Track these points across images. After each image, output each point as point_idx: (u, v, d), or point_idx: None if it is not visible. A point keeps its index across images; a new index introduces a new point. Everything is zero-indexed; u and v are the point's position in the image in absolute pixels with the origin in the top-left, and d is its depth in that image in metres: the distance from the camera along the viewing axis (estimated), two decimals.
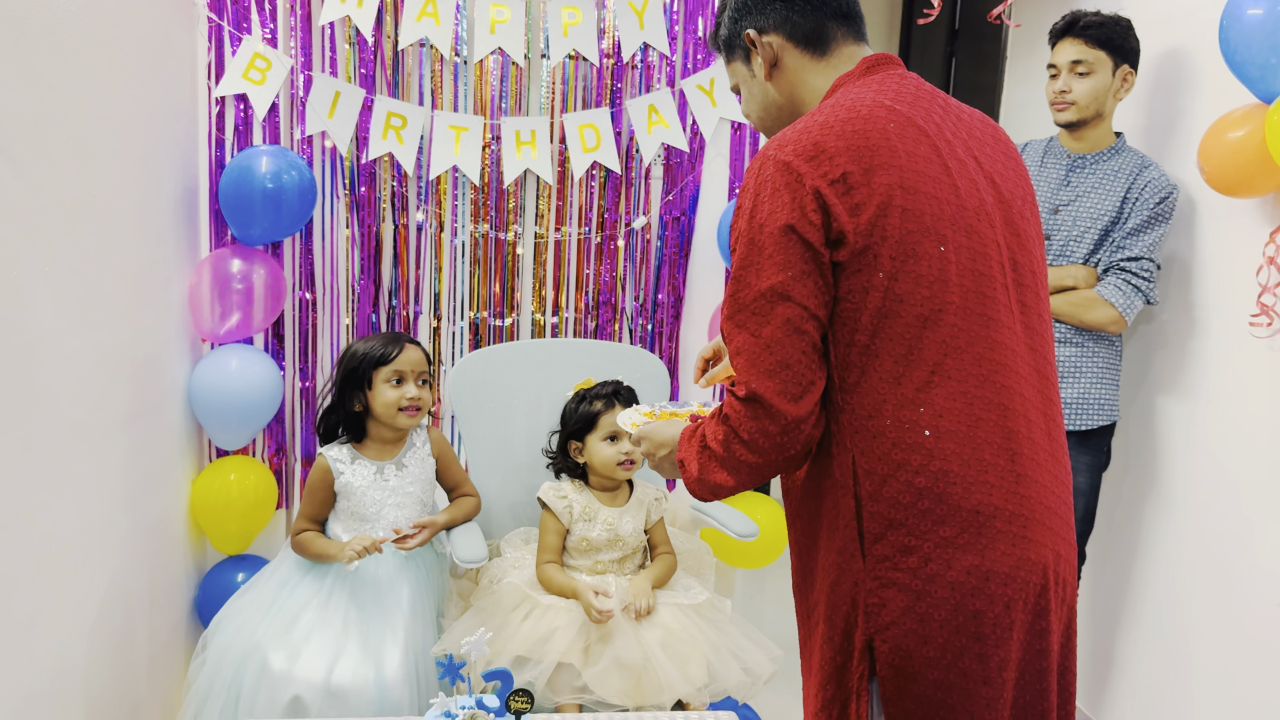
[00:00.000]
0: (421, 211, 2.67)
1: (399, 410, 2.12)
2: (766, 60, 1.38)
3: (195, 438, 2.53)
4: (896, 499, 1.19)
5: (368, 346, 2.14)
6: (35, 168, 1.65)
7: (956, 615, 1.18)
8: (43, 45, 1.67)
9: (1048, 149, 2.50)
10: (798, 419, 1.21)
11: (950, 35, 4.23)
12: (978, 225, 1.24)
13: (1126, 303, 2.30)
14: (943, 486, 1.18)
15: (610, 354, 2.52)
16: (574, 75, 2.68)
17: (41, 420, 1.69)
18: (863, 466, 1.21)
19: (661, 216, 2.77)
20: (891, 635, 1.19)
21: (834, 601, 1.25)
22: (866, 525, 1.21)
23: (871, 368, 1.20)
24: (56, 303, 1.74)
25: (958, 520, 1.18)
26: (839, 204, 1.18)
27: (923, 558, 1.19)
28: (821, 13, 1.36)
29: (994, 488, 1.20)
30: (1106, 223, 2.35)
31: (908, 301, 1.20)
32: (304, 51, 2.54)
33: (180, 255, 2.38)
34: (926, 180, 1.22)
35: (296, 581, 2.09)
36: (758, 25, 1.38)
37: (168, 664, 2.36)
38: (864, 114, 1.24)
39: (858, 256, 1.19)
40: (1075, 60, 2.34)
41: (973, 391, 1.20)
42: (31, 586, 1.67)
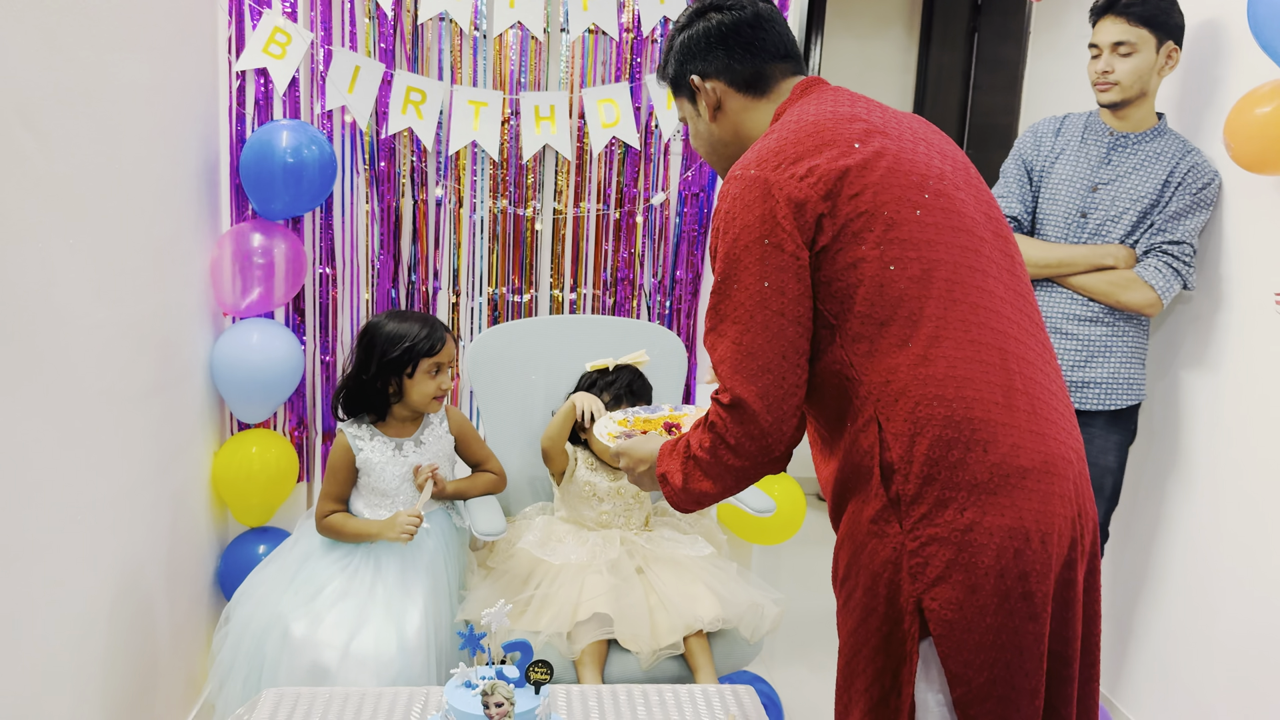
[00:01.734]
0: (441, 187, 2.67)
1: (433, 399, 2.13)
2: (709, 104, 1.46)
3: (217, 411, 2.55)
4: (928, 455, 1.21)
5: (408, 332, 2.09)
6: (59, 140, 1.66)
7: (1000, 558, 1.20)
8: (66, 18, 1.67)
9: (1087, 125, 2.46)
10: (780, 420, 1.28)
11: (973, 10, 4.18)
12: (943, 188, 1.32)
13: (1165, 285, 2.28)
14: (969, 434, 1.21)
15: (628, 330, 2.52)
16: (593, 50, 2.67)
17: (65, 392, 1.71)
18: (890, 432, 1.23)
19: (681, 193, 2.76)
20: (940, 591, 1.21)
21: (874, 572, 1.26)
22: (901, 488, 1.23)
23: (879, 335, 1.25)
24: (80, 275, 1.75)
25: (987, 465, 1.21)
26: (810, 195, 1.26)
27: (959, 508, 1.20)
28: (760, 58, 1.44)
29: (1014, 428, 1.23)
30: (1146, 205, 2.32)
31: (899, 265, 1.25)
32: (324, 26, 2.54)
33: (202, 229, 2.39)
34: (884, 158, 1.29)
35: (320, 554, 2.11)
36: (700, 71, 1.46)
37: (190, 635, 2.39)
38: (813, 120, 1.33)
39: (839, 237, 1.26)
40: (1118, 40, 2.29)
41: (978, 339, 1.25)
42: (54, 557, 1.70)
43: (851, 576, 1.30)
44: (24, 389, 1.58)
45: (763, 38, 1.44)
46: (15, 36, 1.52)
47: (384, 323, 2.12)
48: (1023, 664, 1.22)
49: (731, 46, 1.43)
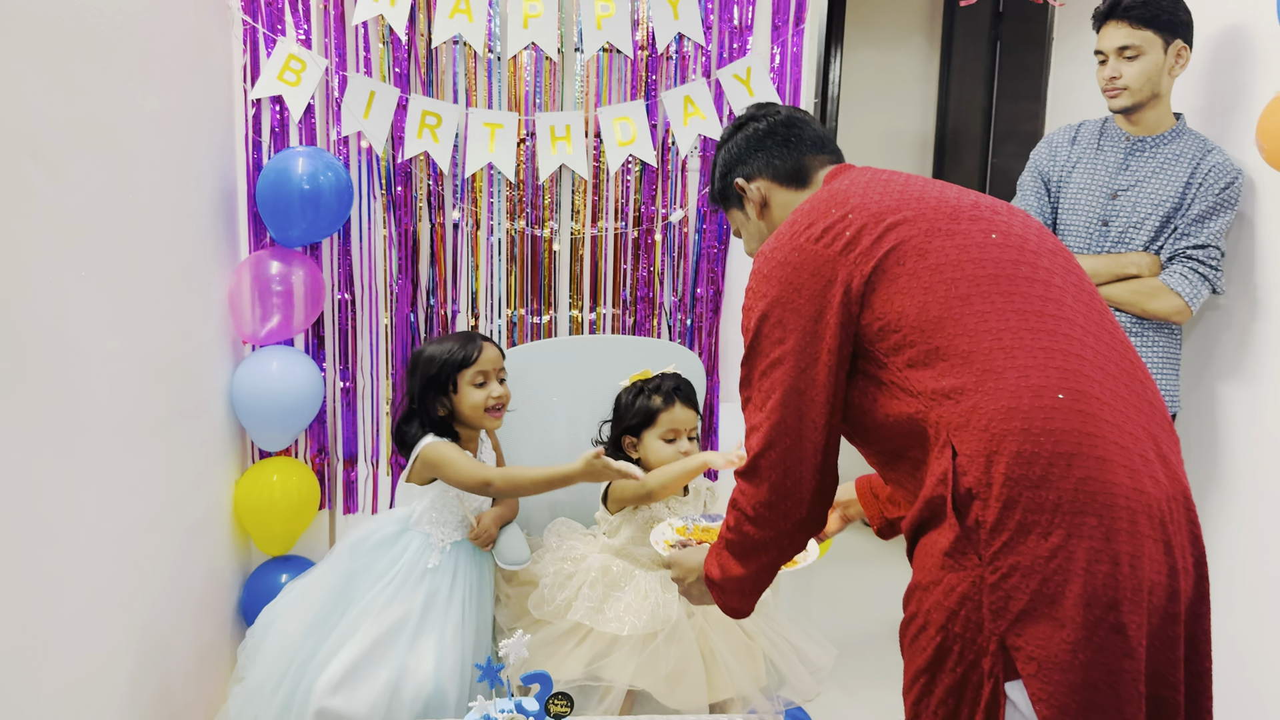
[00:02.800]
0: (458, 210, 2.66)
1: (485, 410, 2.09)
2: (755, 203, 1.53)
3: (238, 439, 2.55)
4: (1007, 475, 1.13)
5: (443, 349, 2.09)
6: (69, 172, 1.66)
7: (1088, 585, 1.10)
8: (76, 49, 1.68)
9: (1103, 131, 2.41)
10: (798, 483, 1.29)
11: (994, 18, 4.13)
12: (979, 214, 1.31)
13: (1193, 291, 2.21)
14: (1049, 447, 1.13)
15: (647, 349, 2.50)
16: (608, 68, 2.65)
17: (83, 424, 1.71)
18: (965, 454, 1.17)
19: (699, 209, 2.73)
20: (1026, 627, 1.12)
21: (950, 609, 1.17)
22: (980, 515, 1.15)
23: (935, 360, 1.21)
24: (95, 307, 1.75)
25: (1071, 481, 1.12)
26: (828, 251, 1.28)
27: (1042, 533, 1.12)
28: (799, 150, 1.51)
29: (1099, 439, 1.14)
30: (1168, 209, 2.26)
31: (942, 286, 1.22)
32: (338, 52, 2.54)
33: (219, 258, 2.39)
34: (909, 199, 1.31)
35: (351, 589, 2.05)
36: (744, 174, 1.54)
37: (213, 665, 2.38)
38: (832, 191, 1.37)
39: (869, 280, 1.26)
40: (1122, 45, 2.24)
41: (1049, 346, 1.19)
42: (76, 588, 1.69)
43: (922, 614, 1.22)
44: (38, 424, 1.57)
45: (799, 134, 1.51)
46: (24, 69, 1.52)
47: (425, 348, 2.13)
48: (1120, 708, 1.11)
49: (770, 146, 1.52)
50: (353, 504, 2.72)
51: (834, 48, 4.31)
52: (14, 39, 1.49)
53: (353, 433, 2.69)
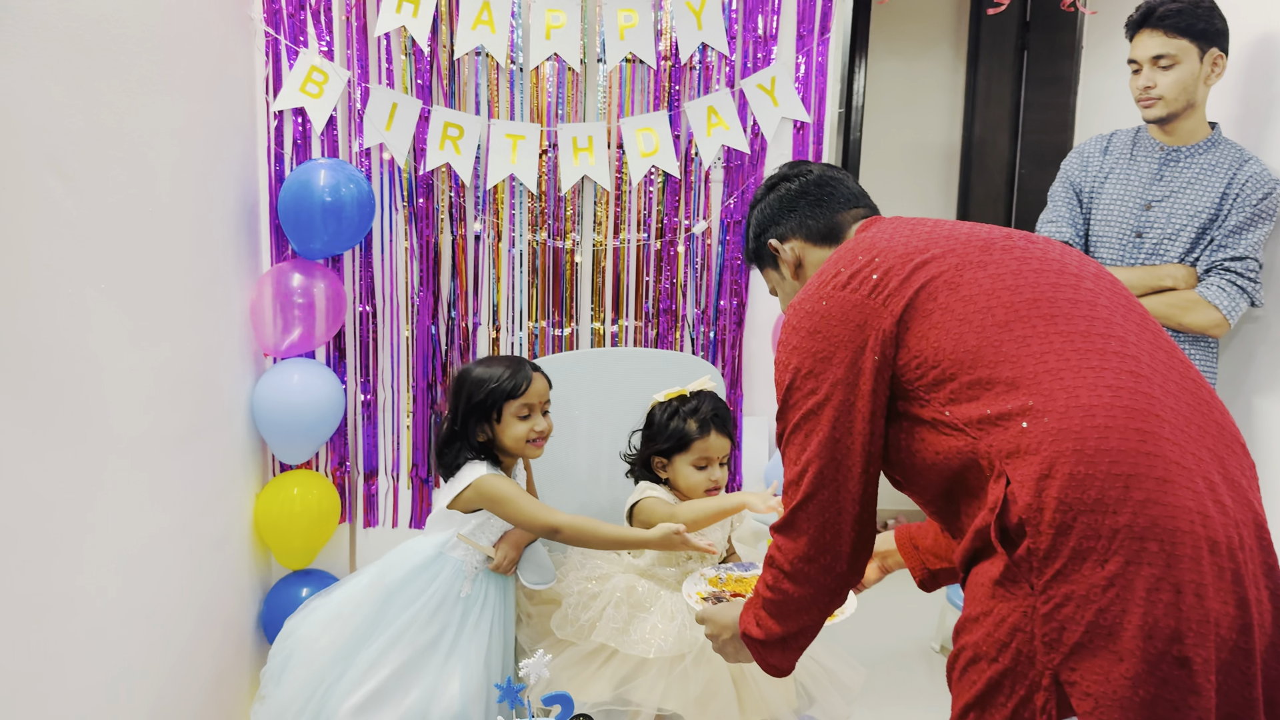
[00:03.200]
0: (479, 221, 2.64)
1: (527, 442, 2.03)
2: (790, 264, 1.52)
3: (259, 452, 2.53)
4: (1061, 499, 1.07)
5: (492, 375, 2.02)
6: (90, 185, 1.65)
7: (1148, 615, 1.03)
8: (98, 62, 1.67)
9: (1136, 140, 2.36)
10: (836, 536, 1.26)
11: (1022, 27, 4.08)
12: (1011, 245, 1.28)
13: (1231, 305, 2.15)
14: (1105, 468, 1.07)
15: (670, 363, 2.46)
16: (631, 79, 2.63)
17: (103, 437, 1.69)
18: (1017, 480, 1.11)
19: (722, 220, 2.70)
20: (1081, 661, 1.05)
21: (1000, 641, 1.12)
22: (1033, 542, 1.09)
23: (981, 390, 1.17)
24: (115, 320, 1.74)
25: (1130, 505, 1.06)
26: (855, 296, 1.26)
27: (1099, 559, 1.05)
28: (832, 209, 1.49)
29: (1159, 458, 1.08)
30: (1204, 220, 2.20)
31: (979, 315, 1.20)
32: (360, 63, 2.53)
33: (241, 270, 2.38)
34: (937, 238, 1.29)
35: (378, 614, 1.99)
36: (777, 234, 1.53)
37: (233, 680, 2.36)
38: (857, 241, 1.36)
39: (901, 320, 1.23)
40: (1157, 54, 2.19)
41: (1100, 365, 1.14)
42: (95, 603, 1.67)
43: (971, 646, 1.16)
44: (58, 436, 1.56)
45: (831, 192, 1.50)
46: (46, 81, 1.52)
47: (471, 369, 2.06)
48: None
49: (802, 206, 1.50)
50: (373, 518, 2.70)
51: (858, 58, 4.28)
52: (36, 51, 1.49)
53: (373, 445, 2.68)
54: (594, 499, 2.39)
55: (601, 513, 2.34)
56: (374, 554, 2.61)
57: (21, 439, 1.46)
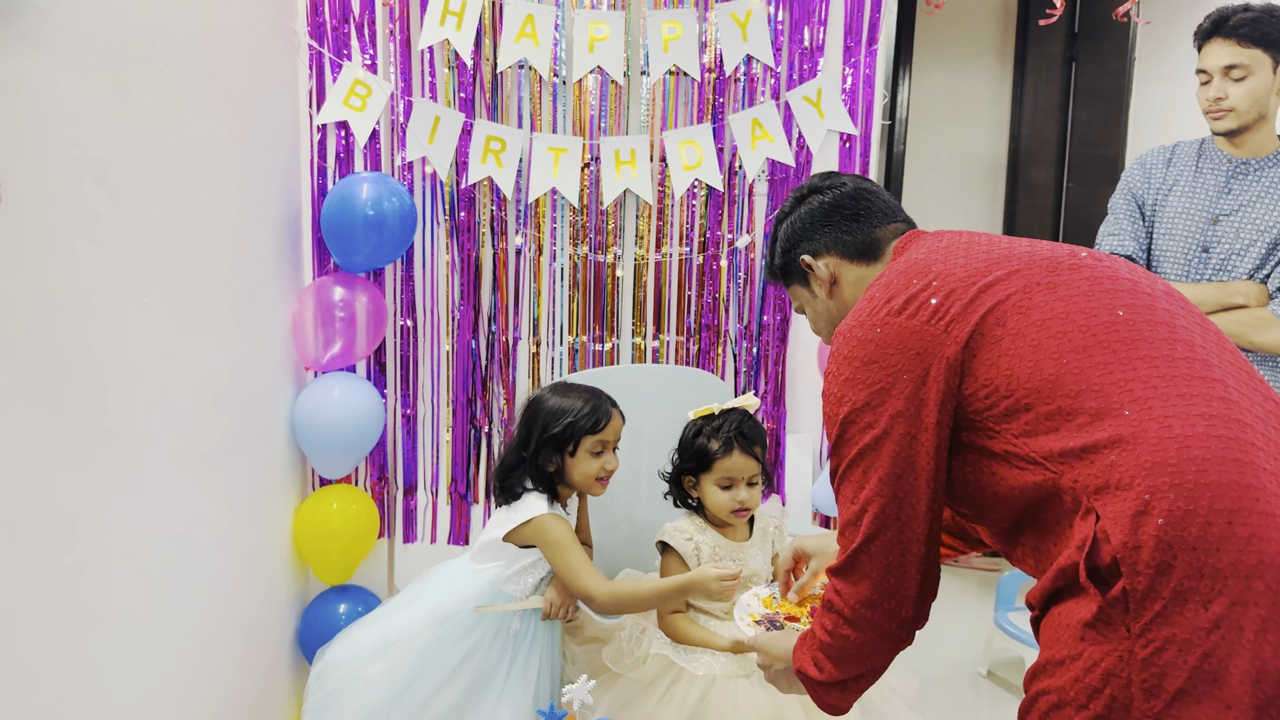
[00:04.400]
0: (520, 235, 2.62)
1: (596, 480, 1.98)
2: (824, 281, 1.44)
3: (299, 467, 2.52)
4: (1160, 537, 1.01)
5: (572, 408, 1.96)
6: (134, 197, 1.64)
7: (1256, 659, 0.97)
8: (142, 74, 1.67)
9: (1201, 152, 2.28)
10: (901, 580, 1.19)
11: (1070, 38, 4.01)
12: (1079, 263, 1.21)
13: None
14: (1207, 503, 1.00)
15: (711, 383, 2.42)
16: (674, 91, 2.60)
17: (144, 450, 1.68)
18: (1109, 517, 1.05)
19: (766, 234, 2.65)
20: (1184, 709, 0.99)
21: (1091, 687, 1.05)
22: (1130, 583, 1.02)
23: (1062, 420, 1.10)
24: (156, 332, 1.73)
25: (1234, 542, 0.99)
26: (913, 323, 1.19)
27: (1202, 600, 0.99)
28: (869, 224, 1.42)
29: (1262, 491, 1.01)
30: (1275, 235, 2.12)
31: (1052, 341, 1.13)
32: (404, 77, 2.52)
33: (283, 283, 2.38)
34: (996, 259, 1.23)
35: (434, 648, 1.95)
36: (810, 250, 1.45)
37: (270, 697, 2.34)
38: (907, 262, 1.29)
39: (966, 347, 1.16)
40: (1229, 64, 2.12)
41: (1190, 393, 1.07)
42: (134, 617, 1.66)
43: (1055, 690, 1.09)
44: (99, 449, 1.55)
45: (868, 206, 1.43)
46: (91, 96, 1.51)
47: (547, 397, 2.00)
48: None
49: (837, 220, 1.43)
50: (412, 533, 2.68)
51: (902, 70, 4.22)
52: (81, 63, 1.48)
53: (413, 460, 2.66)
54: (633, 516, 2.35)
55: (640, 529, 2.30)
56: (413, 569, 2.59)
57: (61, 451, 1.45)
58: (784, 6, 2.57)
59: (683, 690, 1.84)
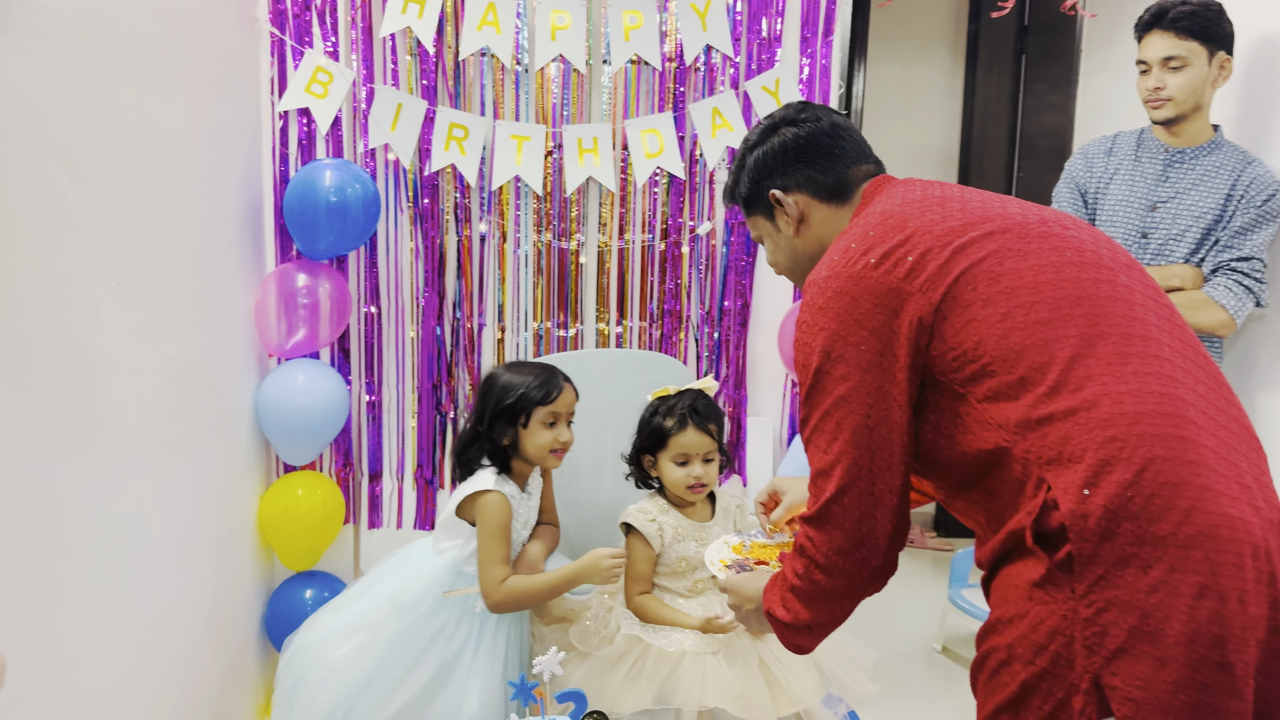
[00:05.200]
0: (484, 222, 2.64)
1: (550, 452, 2.01)
2: (793, 218, 1.43)
3: (263, 453, 2.53)
4: (1106, 507, 1.06)
5: (523, 382, 2.00)
6: (100, 183, 1.65)
7: (1192, 622, 1.03)
8: (107, 61, 1.67)
9: (1140, 142, 2.37)
10: (872, 530, 1.22)
11: (1020, 31, 4.11)
12: (1049, 230, 1.24)
13: (1238, 304, 2.17)
14: (1151, 477, 1.06)
15: (674, 367, 2.47)
16: (636, 80, 2.64)
17: (109, 436, 1.69)
18: (1059, 488, 1.10)
19: (727, 221, 2.70)
20: (1123, 665, 1.05)
21: (1037, 644, 1.11)
22: (1076, 547, 1.08)
23: (1020, 390, 1.14)
24: (122, 318, 1.73)
25: (1175, 512, 1.05)
26: (890, 279, 1.20)
27: (1142, 565, 1.05)
28: (842, 164, 1.41)
29: (1202, 466, 1.07)
30: (1209, 221, 2.22)
31: (1020, 311, 1.16)
32: (365, 64, 2.53)
33: (246, 270, 2.38)
34: (972, 219, 1.24)
35: (401, 632, 1.97)
36: (781, 185, 1.43)
37: (236, 681, 2.35)
38: (882, 213, 1.29)
39: (939, 309, 1.19)
40: (1167, 55, 2.21)
41: (1141, 370, 1.12)
42: (99, 604, 1.66)
43: (1003, 648, 1.15)
44: (67, 436, 1.55)
45: (842, 145, 1.42)
46: (57, 80, 1.51)
47: (501, 373, 2.04)
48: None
49: (811, 157, 1.41)
50: (377, 519, 2.70)
51: (858, 61, 4.29)
52: (46, 49, 1.48)
53: (378, 446, 2.67)
54: (598, 498, 2.39)
55: (604, 510, 2.33)
56: (378, 555, 2.59)
57: (29, 437, 1.46)
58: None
59: (651, 665, 1.88)
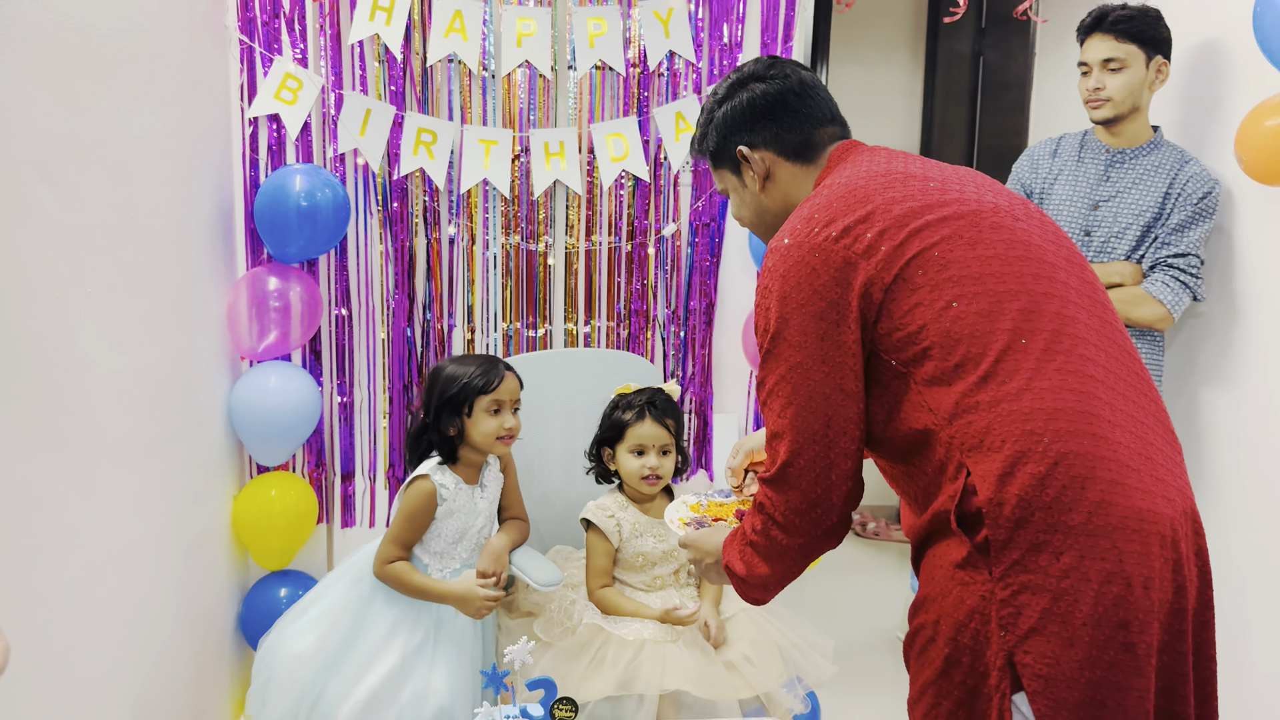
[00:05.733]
0: (453, 225, 2.69)
1: (496, 439, 2.07)
2: (759, 174, 1.44)
3: (236, 455, 2.56)
4: (1020, 496, 1.13)
5: (465, 372, 2.06)
6: (74, 190, 1.68)
7: (1098, 606, 1.11)
8: (80, 69, 1.70)
9: (1084, 143, 2.47)
10: (828, 490, 1.26)
11: (977, 33, 4.20)
12: (1000, 221, 1.28)
13: (1175, 299, 2.26)
14: (1064, 470, 1.13)
15: (642, 366, 2.52)
16: (601, 85, 2.69)
17: (84, 439, 1.72)
18: (977, 475, 1.17)
19: (691, 223, 2.76)
20: (1034, 644, 1.12)
21: (959, 622, 1.18)
22: (992, 533, 1.15)
23: (954, 377, 1.20)
24: (97, 323, 1.77)
25: (1085, 504, 1.13)
26: (849, 253, 1.24)
27: (1054, 552, 1.12)
28: (809, 124, 1.43)
29: (1113, 462, 1.15)
30: (1149, 219, 2.31)
31: (962, 301, 1.21)
32: (334, 70, 2.57)
33: (218, 274, 2.41)
34: (930, 206, 1.27)
35: (362, 611, 2.04)
36: (748, 142, 1.44)
37: (213, 681, 2.38)
38: (846, 182, 1.32)
39: (890, 288, 1.23)
40: (1107, 58, 2.31)
41: (1065, 368, 1.19)
42: (76, 606, 1.69)
43: (929, 625, 1.23)
44: (42, 440, 1.58)
45: (809, 105, 1.43)
46: (32, 90, 1.55)
47: (446, 365, 2.11)
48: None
49: (778, 115, 1.42)
50: (350, 518, 2.74)
51: (819, 64, 4.37)
52: (21, 58, 1.52)
53: (350, 447, 2.71)
54: (568, 494, 2.44)
55: (574, 506, 2.38)
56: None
57: (5, 441, 1.49)
58: (704, 4, 2.68)
59: (613, 653, 1.94)
